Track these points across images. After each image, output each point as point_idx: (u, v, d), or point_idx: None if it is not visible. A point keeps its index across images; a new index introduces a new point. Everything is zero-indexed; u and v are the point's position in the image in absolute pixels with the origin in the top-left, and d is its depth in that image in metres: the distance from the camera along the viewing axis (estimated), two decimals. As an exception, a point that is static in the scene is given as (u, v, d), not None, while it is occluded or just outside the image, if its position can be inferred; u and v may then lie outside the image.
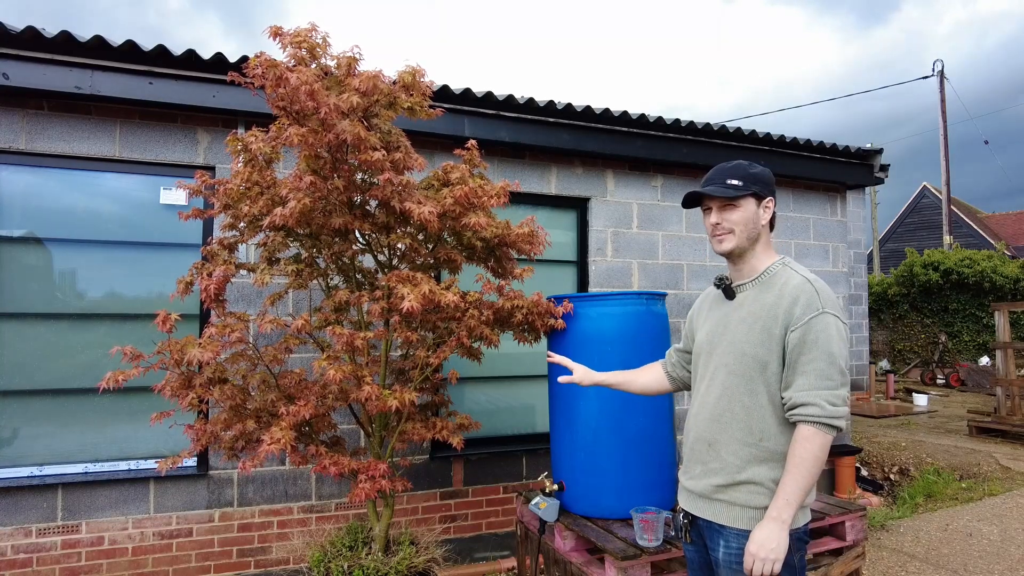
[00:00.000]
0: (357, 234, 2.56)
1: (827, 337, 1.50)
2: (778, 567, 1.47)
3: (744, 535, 1.55)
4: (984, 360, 12.24)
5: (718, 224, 1.65)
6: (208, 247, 2.67)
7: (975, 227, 21.09)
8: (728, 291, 1.71)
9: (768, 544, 1.47)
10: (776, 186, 1.73)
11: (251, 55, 2.22)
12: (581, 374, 2.07)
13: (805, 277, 1.58)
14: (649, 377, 2.03)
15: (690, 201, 1.72)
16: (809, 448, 1.47)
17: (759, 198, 1.64)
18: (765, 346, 1.56)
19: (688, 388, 1.98)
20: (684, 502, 1.74)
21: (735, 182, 1.62)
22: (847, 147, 4.89)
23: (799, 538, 1.57)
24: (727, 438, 1.61)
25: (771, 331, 1.56)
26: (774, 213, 1.69)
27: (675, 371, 1.98)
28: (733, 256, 1.68)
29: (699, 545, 1.71)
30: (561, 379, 2.10)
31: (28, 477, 3.14)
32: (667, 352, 2.05)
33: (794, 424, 1.53)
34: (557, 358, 2.19)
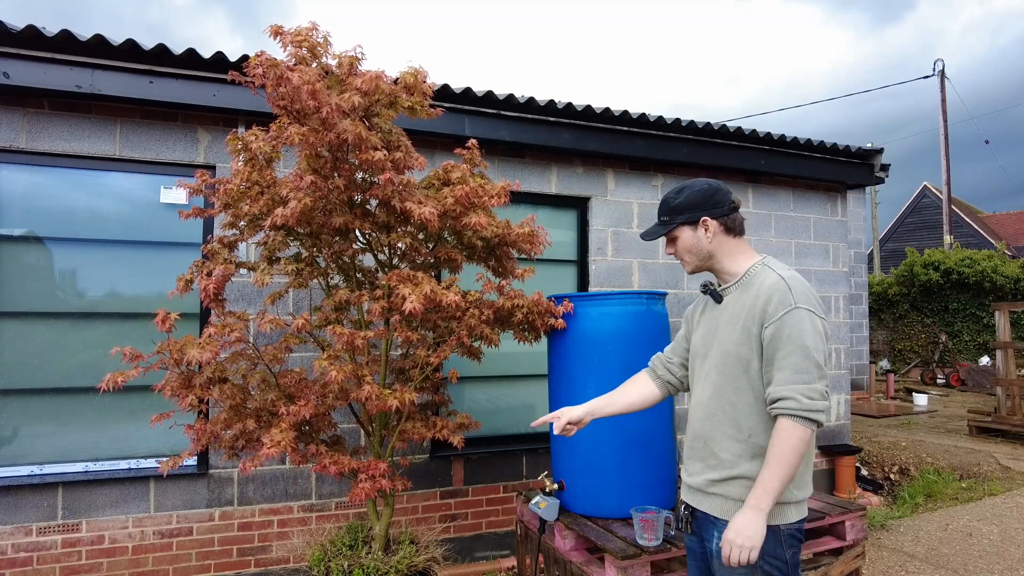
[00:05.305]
0: (357, 233, 2.56)
1: (800, 332, 1.53)
2: (754, 555, 1.49)
3: None
4: (984, 360, 12.24)
5: (672, 254, 1.81)
6: (208, 246, 2.67)
7: (975, 227, 21.09)
8: (715, 295, 1.76)
9: (745, 532, 1.50)
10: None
11: (252, 54, 2.22)
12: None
13: (780, 275, 1.62)
14: (634, 394, 1.96)
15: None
16: (787, 439, 1.50)
17: (691, 223, 1.72)
18: (746, 344, 1.62)
19: (682, 390, 1.98)
20: (685, 496, 1.81)
21: (664, 218, 1.77)
22: (847, 147, 4.88)
23: (791, 535, 1.60)
24: (719, 435, 1.67)
25: (749, 330, 1.61)
26: (735, 218, 1.72)
27: (667, 374, 1.95)
28: (703, 271, 1.79)
29: (699, 536, 1.77)
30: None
31: (28, 476, 3.14)
32: (653, 359, 2.02)
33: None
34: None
